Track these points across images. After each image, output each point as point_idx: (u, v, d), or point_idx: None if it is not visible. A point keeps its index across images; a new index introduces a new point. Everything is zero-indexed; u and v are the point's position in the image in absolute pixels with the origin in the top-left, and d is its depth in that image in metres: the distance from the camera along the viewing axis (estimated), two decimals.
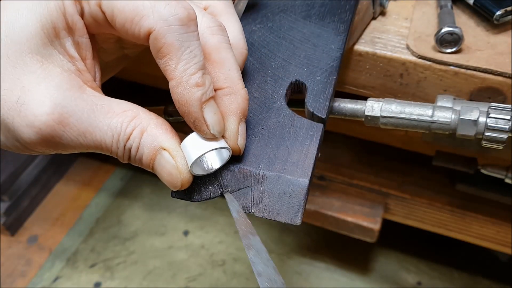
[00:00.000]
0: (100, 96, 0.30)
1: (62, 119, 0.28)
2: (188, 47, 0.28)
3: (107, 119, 0.29)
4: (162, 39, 0.27)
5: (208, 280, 0.92)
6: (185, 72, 0.28)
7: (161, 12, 0.27)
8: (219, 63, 0.31)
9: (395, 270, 0.92)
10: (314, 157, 0.33)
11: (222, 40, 0.31)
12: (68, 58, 0.30)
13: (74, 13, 0.29)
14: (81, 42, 0.30)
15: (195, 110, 0.28)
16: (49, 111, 0.28)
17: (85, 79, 0.30)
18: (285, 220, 0.31)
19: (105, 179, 1.10)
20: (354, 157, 0.76)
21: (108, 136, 0.29)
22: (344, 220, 0.71)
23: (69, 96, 0.28)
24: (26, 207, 1.02)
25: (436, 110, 0.39)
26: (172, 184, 0.30)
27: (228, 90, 0.31)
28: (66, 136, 0.28)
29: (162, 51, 0.28)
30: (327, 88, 0.37)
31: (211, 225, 1.01)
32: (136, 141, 0.29)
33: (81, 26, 0.30)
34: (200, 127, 0.29)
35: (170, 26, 0.27)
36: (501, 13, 0.46)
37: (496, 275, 0.90)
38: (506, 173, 0.57)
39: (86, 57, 0.31)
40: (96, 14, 0.29)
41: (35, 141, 0.28)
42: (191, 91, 0.28)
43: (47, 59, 0.29)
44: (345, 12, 0.42)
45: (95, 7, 0.29)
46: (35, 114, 0.28)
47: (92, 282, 0.93)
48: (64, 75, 0.29)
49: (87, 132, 0.28)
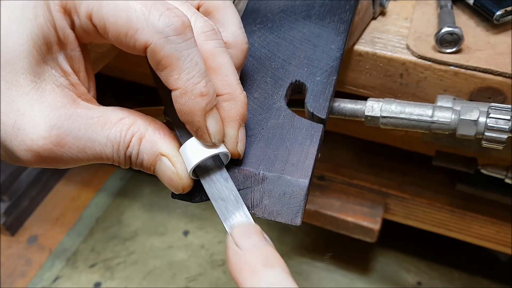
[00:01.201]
0: (95, 108, 0.29)
1: (59, 140, 0.28)
2: (188, 56, 0.27)
3: (105, 131, 0.28)
4: (160, 52, 0.27)
5: (208, 280, 0.92)
6: (189, 82, 0.27)
7: (155, 24, 0.26)
8: (216, 69, 0.30)
9: (395, 270, 0.92)
10: (314, 157, 0.32)
11: (217, 45, 0.30)
12: (61, 72, 0.29)
13: (65, 26, 0.28)
14: (73, 55, 0.29)
15: (198, 120, 0.28)
16: (45, 134, 0.27)
17: (79, 93, 0.30)
18: (285, 220, 0.31)
19: (105, 179, 1.10)
20: (354, 157, 0.76)
21: (108, 148, 0.28)
22: (344, 220, 0.71)
23: (63, 115, 0.28)
24: (26, 207, 1.02)
25: (436, 110, 0.39)
26: (174, 189, 0.30)
27: (227, 96, 0.30)
28: (66, 155, 0.28)
29: (162, 64, 0.27)
30: (327, 88, 0.37)
31: (211, 225, 1.01)
32: (136, 148, 0.29)
33: (73, 40, 0.29)
34: (202, 136, 0.29)
35: (167, 38, 0.26)
36: (501, 13, 0.46)
37: (496, 275, 0.90)
38: (506, 173, 0.57)
39: (79, 70, 0.30)
40: (87, 27, 0.28)
41: (35, 162, 0.28)
42: (195, 101, 0.28)
43: (40, 77, 0.28)
44: (345, 12, 0.42)
45: (85, 20, 0.28)
46: (31, 139, 0.27)
47: (92, 282, 0.93)
48: (57, 91, 0.28)
49: (86, 148, 0.28)
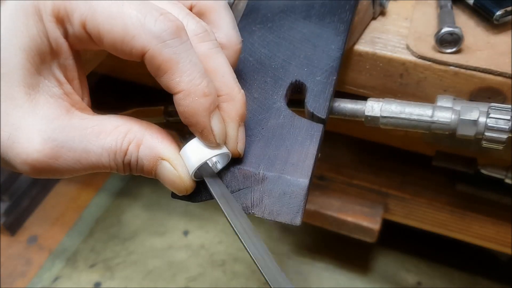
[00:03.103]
0: (89, 117, 0.29)
1: (54, 152, 0.28)
2: (187, 58, 0.27)
3: (100, 140, 0.28)
4: (159, 57, 0.27)
5: (208, 280, 0.92)
6: (191, 83, 0.27)
7: (152, 30, 0.26)
8: (212, 71, 0.30)
9: (395, 270, 0.92)
10: (314, 157, 0.32)
11: (211, 46, 0.30)
12: (55, 82, 0.29)
13: (58, 36, 0.28)
14: (67, 64, 0.29)
15: (204, 120, 0.28)
16: (40, 148, 0.27)
17: (73, 102, 0.30)
18: (285, 220, 0.31)
19: (105, 179, 1.10)
20: (354, 157, 0.76)
21: (104, 157, 0.28)
22: (344, 220, 0.71)
23: (58, 127, 0.28)
24: (26, 207, 1.02)
25: (436, 110, 0.39)
26: (177, 191, 0.30)
27: (226, 97, 0.30)
28: (62, 167, 0.28)
29: (161, 69, 0.27)
30: (327, 88, 0.37)
31: (211, 225, 1.01)
32: (134, 155, 0.29)
33: (66, 49, 0.29)
34: (208, 136, 0.29)
35: (164, 42, 0.26)
36: (501, 13, 0.46)
37: (496, 275, 0.90)
38: (506, 173, 0.57)
39: (73, 78, 0.30)
40: (81, 35, 0.28)
41: (32, 174, 0.28)
42: (199, 102, 0.28)
43: (34, 89, 0.28)
44: (345, 12, 0.42)
45: (79, 29, 0.28)
46: (26, 153, 0.27)
47: (92, 282, 0.93)
48: (51, 102, 0.28)
49: (82, 158, 0.28)
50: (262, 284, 0.91)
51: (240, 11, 0.43)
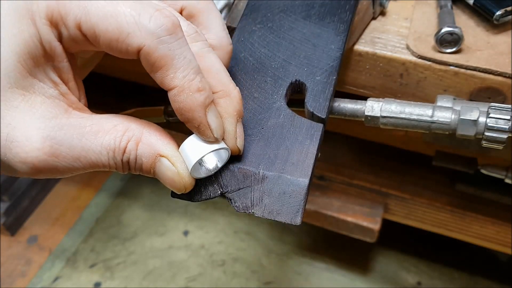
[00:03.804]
0: (87, 117, 0.29)
1: (53, 151, 0.28)
2: (181, 54, 0.27)
3: (99, 139, 0.28)
4: (154, 53, 0.27)
5: (208, 280, 0.92)
6: (185, 79, 0.27)
7: (147, 26, 0.26)
8: (206, 69, 0.30)
9: (395, 270, 0.92)
10: (314, 157, 0.33)
11: (203, 46, 0.31)
12: (50, 83, 0.29)
13: (51, 39, 0.28)
14: (61, 66, 0.29)
15: (200, 115, 0.28)
16: (39, 146, 0.27)
17: (70, 102, 0.30)
18: (285, 220, 0.31)
19: (105, 179, 1.10)
20: (354, 157, 0.76)
21: (103, 155, 0.28)
22: (344, 220, 0.71)
23: (55, 125, 0.28)
24: (26, 207, 1.02)
25: (436, 110, 0.39)
26: (176, 189, 0.30)
27: (222, 93, 0.30)
28: (61, 165, 0.28)
29: (156, 65, 0.27)
30: (327, 88, 0.37)
31: (211, 225, 1.01)
32: (133, 153, 0.29)
33: (60, 52, 0.29)
34: (205, 131, 0.29)
35: (159, 39, 0.27)
36: (501, 13, 0.46)
37: (496, 275, 0.90)
38: (506, 173, 0.57)
39: (68, 80, 0.30)
40: (76, 37, 0.28)
41: (31, 173, 0.28)
42: (194, 97, 0.28)
43: (29, 90, 0.28)
44: (345, 12, 0.42)
45: (74, 30, 0.27)
46: (25, 151, 0.27)
47: (92, 282, 0.93)
48: (48, 103, 0.28)
49: (81, 157, 0.28)
50: (262, 284, 0.91)
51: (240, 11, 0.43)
